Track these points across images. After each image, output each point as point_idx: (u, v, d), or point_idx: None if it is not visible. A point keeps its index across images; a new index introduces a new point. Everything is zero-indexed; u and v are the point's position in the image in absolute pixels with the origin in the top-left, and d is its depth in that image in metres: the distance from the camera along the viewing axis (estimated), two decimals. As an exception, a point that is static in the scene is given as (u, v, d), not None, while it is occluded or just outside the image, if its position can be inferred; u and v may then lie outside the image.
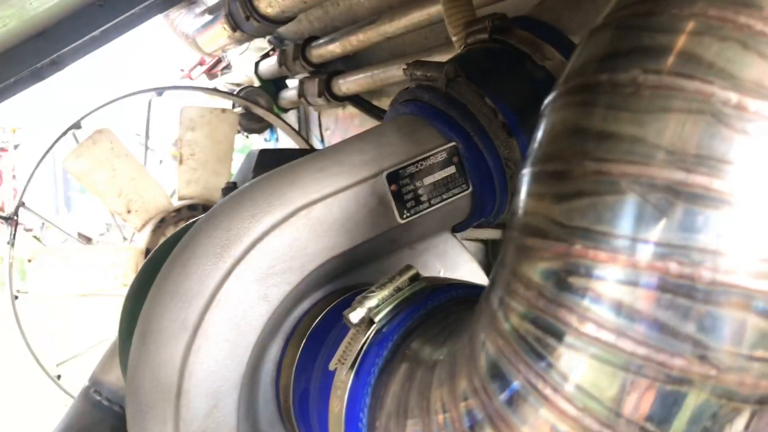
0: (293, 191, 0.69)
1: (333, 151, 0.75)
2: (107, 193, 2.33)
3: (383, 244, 0.76)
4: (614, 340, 0.40)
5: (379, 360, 0.59)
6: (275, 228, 0.68)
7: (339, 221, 0.70)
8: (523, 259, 0.45)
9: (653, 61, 0.42)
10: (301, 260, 0.69)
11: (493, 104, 0.76)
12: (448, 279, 0.67)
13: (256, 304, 0.67)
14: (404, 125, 0.78)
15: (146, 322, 0.67)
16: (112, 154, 2.31)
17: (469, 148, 0.76)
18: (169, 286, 0.66)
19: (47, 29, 1.67)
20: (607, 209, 0.41)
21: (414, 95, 0.80)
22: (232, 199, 0.70)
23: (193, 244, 0.68)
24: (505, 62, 0.80)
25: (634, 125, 0.41)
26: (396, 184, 0.73)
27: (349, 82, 2.50)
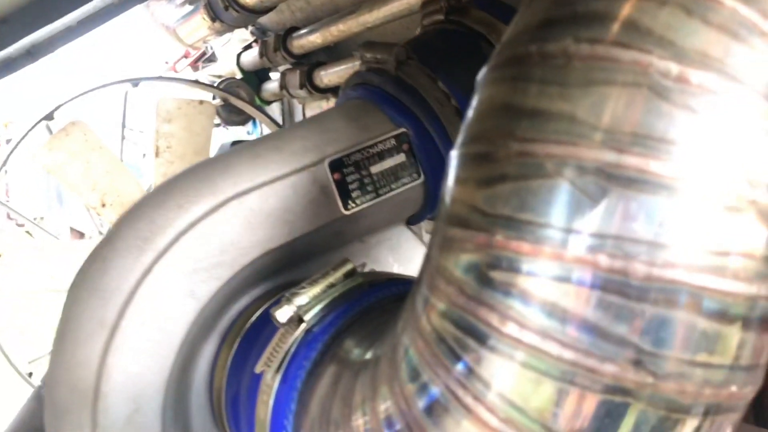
0: (225, 180, 0.64)
1: (273, 138, 0.70)
2: (81, 187, 2.27)
3: (327, 237, 0.71)
4: (539, 343, 0.35)
5: (307, 362, 0.54)
6: (203, 219, 0.63)
7: (276, 212, 0.65)
8: (445, 251, 0.41)
9: (586, 29, 0.37)
10: (233, 254, 0.64)
11: (446, 88, 0.71)
12: (389, 274, 0.62)
13: (182, 301, 0.62)
14: (351, 110, 0.73)
15: (65, 320, 0.62)
16: (86, 147, 2.26)
17: (421, 135, 0.71)
18: (88, 281, 0.61)
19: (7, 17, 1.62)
20: (531, 195, 0.36)
21: (363, 79, 0.75)
22: (159, 189, 0.65)
23: (114, 237, 0.63)
24: (460, 44, 0.75)
25: (563, 101, 0.36)
26: (339, 172, 0.68)
27: (331, 74, 2.46)
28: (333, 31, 2.23)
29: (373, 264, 0.78)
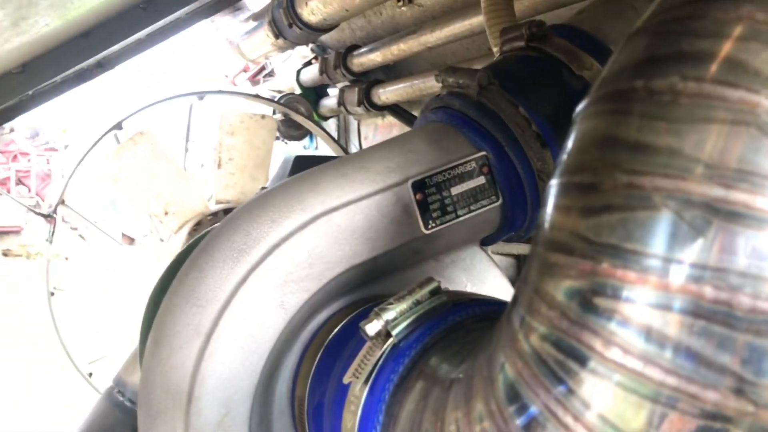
0: (314, 197, 0.67)
1: (358, 158, 0.72)
2: (145, 195, 2.35)
3: (407, 255, 0.73)
4: (641, 368, 0.37)
5: (394, 376, 0.56)
6: (295, 234, 0.66)
7: (361, 229, 0.68)
8: (546, 276, 0.42)
9: (694, 67, 0.39)
10: (320, 268, 0.66)
11: (526, 114, 0.73)
12: (471, 294, 0.64)
13: (273, 312, 0.65)
14: (433, 133, 0.75)
15: (160, 326, 0.66)
16: (152, 157, 2.33)
17: (501, 159, 0.73)
18: (185, 290, 0.65)
19: (90, 30, 1.69)
20: (638, 226, 0.38)
21: (444, 102, 0.78)
22: (253, 203, 0.69)
23: (210, 248, 0.66)
24: (541, 71, 0.77)
25: (670, 136, 0.38)
26: (422, 192, 0.70)
27: (389, 92, 2.50)
28: (394, 50, 2.28)
29: (447, 283, 0.80)
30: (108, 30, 1.74)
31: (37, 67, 1.68)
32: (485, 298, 0.62)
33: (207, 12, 2.19)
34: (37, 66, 1.68)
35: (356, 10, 1.88)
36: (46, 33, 1.48)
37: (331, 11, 1.90)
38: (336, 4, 1.84)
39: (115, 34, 1.80)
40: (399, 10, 2.21)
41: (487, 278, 0.82)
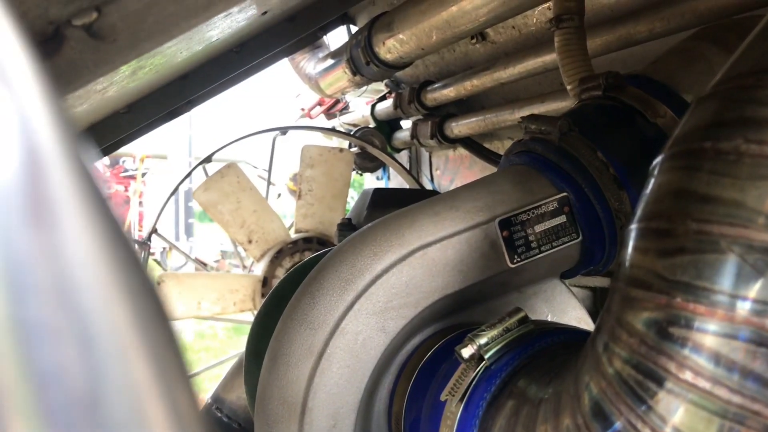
0: (411, 233, 0.76)
1: (449, 197, 0.81)
2: (231, 224, 2.49)
3: (493, 287, 0.80)
4: (710, 388, 0.44)
5: (487, 395, 0.63)
6: (394, 266, 0.74)
7: (452, 263, 0.76)
8: (627, 308, 0.49)
9: (756, 131, 0.45)
10: (417, 297, 0.75)
11: (604, 158, 0.80)
12: (555, 323, 0.71)
13: (375, 335, 0.73)
14: (517, 175, 0.83)
15: (277, 345, 0.75)
16: (238, 188, 2.48)
17: (580, 199, 0.80)
18: (299, 314, 0.74)
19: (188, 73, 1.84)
20: (707, 266, 0.44)
21: (527, 147, 0.85)
22: (357, 238, 0.77)
23: (321, 277, 0.75)
24: (618, 118, 0.84)
25: (735, 190, 0.45)
26: (508, 230, 0.78)
27: (461, 125, 2.57)
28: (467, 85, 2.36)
29: (530, 313, 0.86)
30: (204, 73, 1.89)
31: (140, 107, 1.84)
32: (567, 327, 0.69)
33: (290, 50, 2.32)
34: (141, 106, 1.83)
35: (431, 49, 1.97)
36: (153, 78, 1.63)
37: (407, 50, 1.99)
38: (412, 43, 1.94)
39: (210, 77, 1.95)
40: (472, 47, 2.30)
41: (566, 309, 0.88)
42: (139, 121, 1.97)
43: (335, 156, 2.58)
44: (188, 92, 2.01)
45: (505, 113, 2.28)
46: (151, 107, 1.91)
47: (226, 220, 2.48)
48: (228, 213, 2.47)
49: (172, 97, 1.97)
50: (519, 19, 1.95)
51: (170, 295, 2.43)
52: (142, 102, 1.82)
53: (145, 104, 1.84)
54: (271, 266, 2.48)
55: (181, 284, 2.44)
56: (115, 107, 1.75)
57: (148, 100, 1.85)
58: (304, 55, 3.03)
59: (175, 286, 2.41)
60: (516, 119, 2.27)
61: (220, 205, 2.47)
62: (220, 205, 2.47)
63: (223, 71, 1.99)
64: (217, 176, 2.46)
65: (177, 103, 2.04)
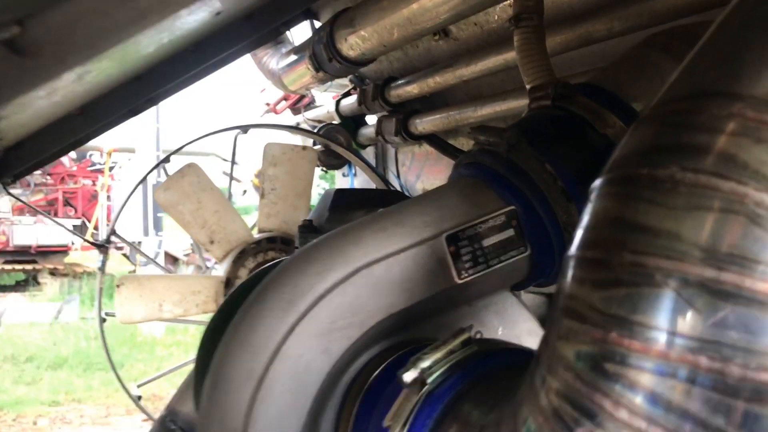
0: (356, 251, 0.74)
1: (395, 212, 0.79)
2: (192, 224, 2.45)
3: (441, 303, 0.79)
4: (645, 427, 0.42)
5: (429, 421, 0.62)
6: (338, 285, 0.72)
7: (398, 280, 0.74)
8: (563, 340, 0.48)
9: (691, 159, 0.44)
10: (362, 316, 0.73)
11: (553, 170, 0.79)
12: (501, 343, 0.69)
13: (318, 358, 0.71)
14: (465, 188, 0.81)
15: (217, 369, 0.72)
16: (199, 188, 2.43)
17: (528, 212, 0.79)
18: (239, 337, 0.72)
19: (142, 74, 1.80)
20: (642, 300, 0.43)
21: (476, 158, 0.84)
22: (300, 256, 0.75)
23: (262, 298, 0.73)
24: (567, 129, 0.82)
25: (670, 220, 0.43)
26: (455, 245, 0.76)
27: (426, 122, 2.55)
28: (430, 82, 2.34)
29: (480, 326, 0.85)
30: (159, 73, 1.85)
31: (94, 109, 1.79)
32: (513, 347, 0.67)
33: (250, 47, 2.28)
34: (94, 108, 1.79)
35: (394, 46, 1.95)
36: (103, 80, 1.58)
37: (369, 46, 1.96)
38: (374, 39, 1.91)
39: (166, 76, 1.90)
40: (435, 43, 2.28)
41: (517, 321, 0.87)
42: (95, 122, 1.92)
43: (298, 154, 2.55)
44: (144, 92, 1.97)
45: (468, 110, 2.27)
46: (106, 108, 1.86)
47: (187, 221, 2.43)
48: (189, 213, 2.42)
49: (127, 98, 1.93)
50: (481, 16, 1.93)
51: (131, 298, 2.38)
52: (95, 103, 1.77)
53: (99, 105, 1.79)
54: (234, 267, 2.44)
55: (142, 287, 2.39)
56: (67, 110, 1.71)
57: (102, 102, 1.80)
58: (266, 51, 2.99)
59: (135, 289, 2.36)
60: (479, 116, 2.26)
61: (180, 205, 2.42)
62: (181, 206, 2.42)
63: (179, 71, 1.94)
64: (177, 176, 2.41)
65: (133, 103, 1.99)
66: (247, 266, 2.46)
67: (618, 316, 0.44)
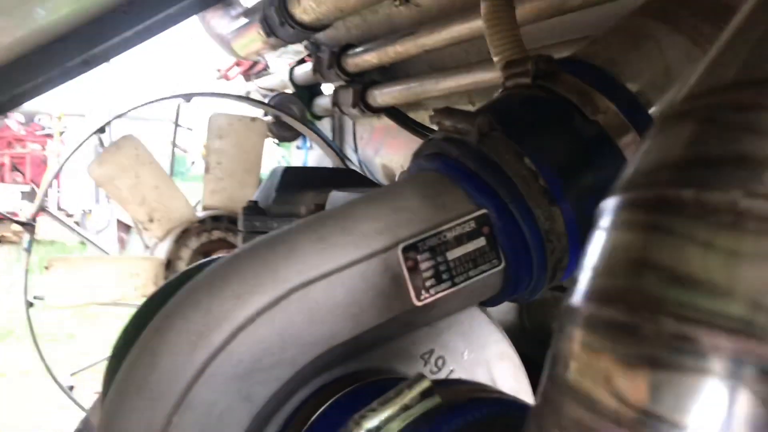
0: (288, 266, 0.58)
1: (340, 216, 0.63)
2: (130, 201, 2.26)
3: (395, 329, 0.64)
4: None
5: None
6: (264, 312, 0.56)
7: (342, 304, 0.59)
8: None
9: (760, 179, 0.29)
10: (294, 352, 0.57)
11: (533, 165, 0.64)
12: (471, 388, 0.55)
13: (237, 406, 0.56)
14: (427, 186, 0.66)
15: (110, 417, 0.56)
16: (137, 161, 2.24)
17: (503, 217, 0.64)
18: (135, 379, 0.56)
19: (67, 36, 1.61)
20: (690, 394, 0.29)
21: (440, 149, 0.68)
22: (216, 272, 0.59)
23: (165, 328, 0.57)
24: (550, 114, 0.68)
25: (733, 273, 0.29)
26: (413, 259, 0.61)
27: (385, 94, 2.41)
28: (390, 52, 2.18)
29: (442, 351, 0.71)
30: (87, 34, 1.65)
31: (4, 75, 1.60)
32: (487, 396, 0.53)
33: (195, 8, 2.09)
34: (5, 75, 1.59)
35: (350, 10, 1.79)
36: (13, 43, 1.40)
37: (324, 11, 1.81)
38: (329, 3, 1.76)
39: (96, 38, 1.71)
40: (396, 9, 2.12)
41: (487, 343, 0.73)
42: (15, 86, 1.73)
43: (247, 126, 2.37)
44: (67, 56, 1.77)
45: (431, 83, 2.13)
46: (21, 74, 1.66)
47: (124, 197, 2.24)
48: (126, 189, 2.23)
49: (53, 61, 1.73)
50: (445, -21, 1.78)
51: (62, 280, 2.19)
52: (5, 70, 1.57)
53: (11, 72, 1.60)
54: (176, 247, 2.26)
55: (74, 269, 2.20)
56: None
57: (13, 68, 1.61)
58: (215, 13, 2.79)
59: (66, 272, 2.17)
60: (442, 89, 2.11)
61: (117, 180, 2.22)
62: (117, 180, 2.22)
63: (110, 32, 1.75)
64: (113, 149, 2.21)
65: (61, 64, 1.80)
66: (190, 246, 2.29)
67: (654, 414, 0.29)
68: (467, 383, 0.59)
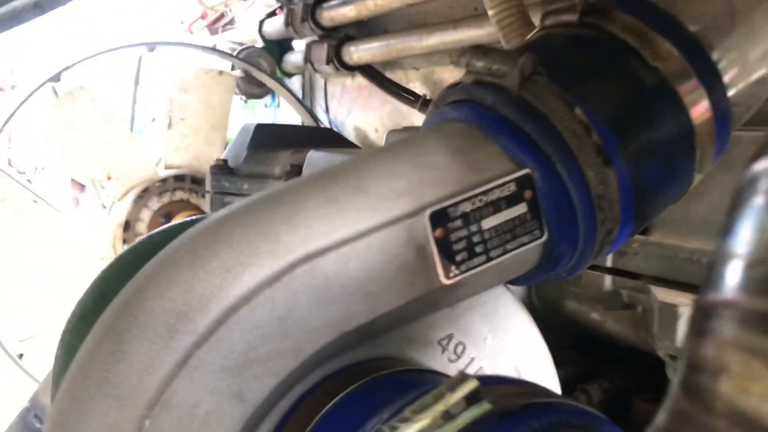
0: (291, 233, 0.46)
1: (352, 172, 0.51)
2: (85, 157, 2.09)
3: (416, 311, 0.53)
4: None
5: None
6: (262, 290, 0.45)
7: (357, 281, 0.47)
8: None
9: None
10: (297, 340, 0.46)
11: (585, 117, 0.53)
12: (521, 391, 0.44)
13: (226, 407, 0.44)
14: (455, 139, 0.54)
15: (62, 418, 0.44)
16: (94, 114, 2.07)
17: (549, 179, 0.53)
18: (96, 369, 0.44)
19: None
20: None
21: (471, 95, 0.57)
22: (199, 240, 0.47)
23: (135, 307, 0.45)
24: (602, 58, 0.57)
25: None
26: (443, 227, 0.50)
27: (362, 51, 2.28)
28: (369, 4, 2.05)
29: (462, 335, 0.60)
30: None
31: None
32: (544, 402, 0.42)
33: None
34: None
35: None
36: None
37: (299, -45, 1.67)
38: (303, -54, 1.62)
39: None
40: (376, -43, 1.99)
41: (511, 327, 0.63)
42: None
43: (213, 79, 2.21)
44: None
45: (412, 39, 2.02)
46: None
47: (78, 153, 2.07)
48: (81, 144, 2.06)
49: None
50: None
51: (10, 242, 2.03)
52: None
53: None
54: (135, 207, 2.12)
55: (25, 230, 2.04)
56: None
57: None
58: (180, -41, 2.61)
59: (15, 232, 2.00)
60: (425, 47, 1.99)
61: (71, 134, 2.05)
62: (72, 135, 2.05)
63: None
64: (68, 99, 2.04)
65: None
66: (151, 207, 2.14)
67: None
68: (513, 382, 0.48)
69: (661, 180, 0.57)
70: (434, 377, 0.53)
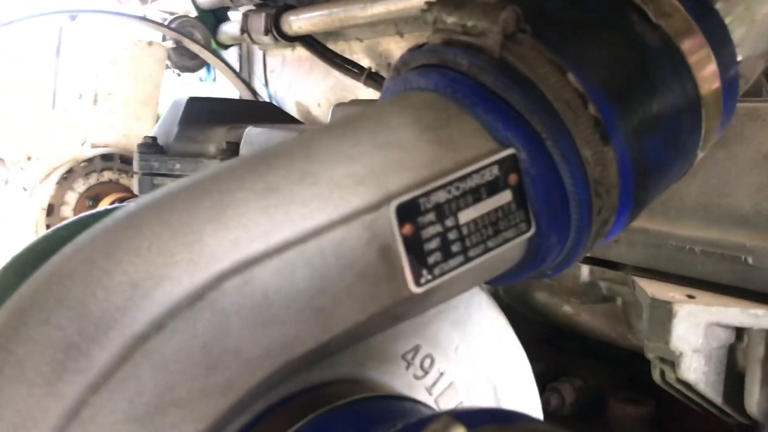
0: (217, 236, 0.36)
1: (297, 152, 0.41)
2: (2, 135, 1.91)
3: (380, 325, 0.43)
4: None
5: None
6: (179, 312, 0.34)
7: (305, 295, 0.37)
8: None
9: None
10: (228, 374, 0.35)
11: (580, 84, 0.44)
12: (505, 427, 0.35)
13: (134, 467, 0.34)
14: (425, 112, 0.44)
15: None
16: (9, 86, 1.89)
17: (538, 160, 0.43)
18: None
19: None
20: None
21: (442, 59, 0.46)
22: (101, 240, 0.36)
23: (10, 336, 0.33)
24: (599, 13, 0.47)
25: None
26: (412, 222, 0.40)
27: (302, 20, 2.16)
28: (310, -30, 1.94)
29: (430, 347, 0.51)
30: None
31: None
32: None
33: None
34: None
35: None
36: None
37: None
38: None
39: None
40: None
41: (485, 333, 0.53)
42: None
43: (143, 51, 2.05)
44: None
45: (356, 8, 1.91)
46: None
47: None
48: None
49: None
50: None
51: None
52: None
53: None
54: (59, 190, 1.95)
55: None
56: None
57: None
58: None
59: None
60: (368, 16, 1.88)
61: (-16, 110, 1.87)
62: (-15, 111, 1.87)
63: None
64: (-22, 71, 1.85)
65: None
66: (77, 189, 1.98)
67: None
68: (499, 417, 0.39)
69: (664, 159, 0.48)
70: (400, 406, 0.44)
